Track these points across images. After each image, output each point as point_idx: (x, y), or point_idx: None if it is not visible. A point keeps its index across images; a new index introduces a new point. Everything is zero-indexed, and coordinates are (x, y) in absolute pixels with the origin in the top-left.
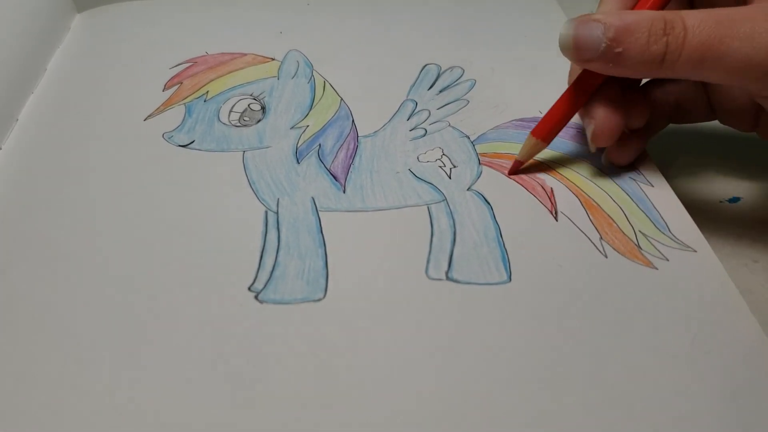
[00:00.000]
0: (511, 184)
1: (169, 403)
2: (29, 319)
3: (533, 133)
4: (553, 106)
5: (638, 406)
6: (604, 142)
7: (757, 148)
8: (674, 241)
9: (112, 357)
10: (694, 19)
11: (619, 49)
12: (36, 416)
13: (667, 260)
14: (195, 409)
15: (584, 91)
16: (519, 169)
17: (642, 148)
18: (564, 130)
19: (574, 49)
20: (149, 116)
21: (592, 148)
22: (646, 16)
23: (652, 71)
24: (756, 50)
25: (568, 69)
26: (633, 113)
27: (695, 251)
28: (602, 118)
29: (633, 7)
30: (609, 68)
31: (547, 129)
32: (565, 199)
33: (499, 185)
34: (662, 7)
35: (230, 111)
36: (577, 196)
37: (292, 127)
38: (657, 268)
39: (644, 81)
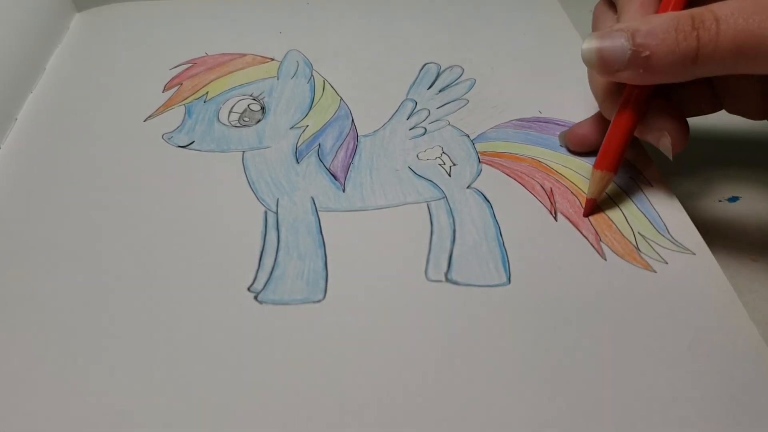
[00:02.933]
0: (510, 184)
1: (168, 402)
2: (29, 319)
3: (597, 166)
4: (609, 132)
5: (636, 409)
6: (682, 148)
7: (756, 146)
8: (673, 243)
9: (112, 357)
10: (726, 8)
11: (647, 53)
12: (36, 416)
13: (666, 263)
14: (194, 409)
15: (636, 109)
16: (593, 207)
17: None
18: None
19: (599, 61)
20: (149, 117)
21: (671, 156)
22: (670, 16)
23: (687, 70)
24: None
25: (568, 67)
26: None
27: (694, 254)
28: (673, 127)
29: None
30: (640, 75)
31: (611, 158)
32: (564, 199)
33: (498, 184)
34: (686, 7)
35: (230, 111)
36: (576, 197)
37: (291, 127)
38: (656, 271)
39: None
